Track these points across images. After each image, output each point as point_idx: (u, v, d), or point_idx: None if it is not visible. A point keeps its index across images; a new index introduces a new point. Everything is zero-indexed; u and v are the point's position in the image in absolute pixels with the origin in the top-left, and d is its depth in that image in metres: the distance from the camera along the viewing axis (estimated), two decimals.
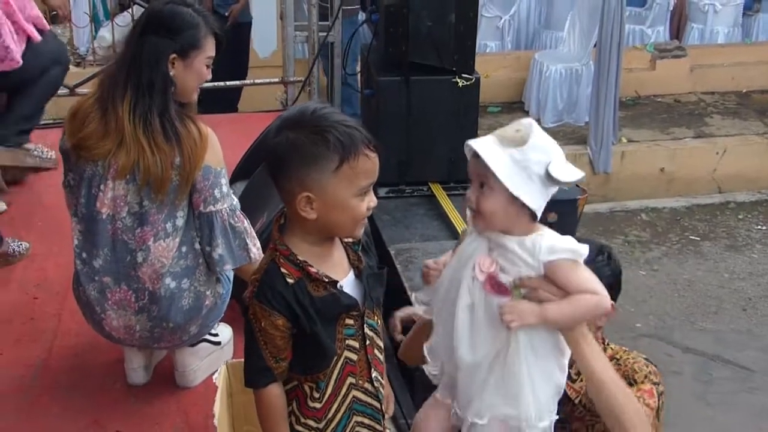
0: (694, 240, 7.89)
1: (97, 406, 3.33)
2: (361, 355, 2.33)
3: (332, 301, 2.26)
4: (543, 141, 2.34)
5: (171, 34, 3.04)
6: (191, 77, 3.11)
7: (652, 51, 9.80)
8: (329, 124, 2.19)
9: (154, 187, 2.98)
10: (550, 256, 2.35)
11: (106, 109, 3.01)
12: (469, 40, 5.84)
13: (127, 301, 3.10)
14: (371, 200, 2.27)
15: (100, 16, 9.17)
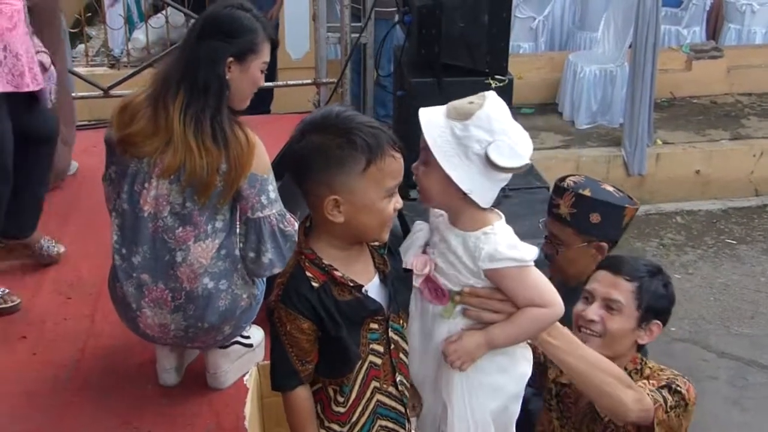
0: (730, 243, 7.81)
1: (129, 407, 3.34)
2: (385, 359, 2.32)
3: (357, 305, 2.26)
4: (492, 118, 2.22)
5: (229, 37, 3.04)
6: (246, 82, 3.09)
7: (688, 52, 9.71)
8: (354, 126, 2.20)
9: (198, 190, 2.99)
10: (490, 264, 2.25)
11: (156, 108, 3.02)
12: (502, 42, 5.80)
13: (164, 300, 3.10)
14: (397, 202, 2.27)
15: (134, 18, 9.23)
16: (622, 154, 8.41)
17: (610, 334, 2.71)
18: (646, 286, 2.73)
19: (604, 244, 3.21)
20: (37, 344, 3.68)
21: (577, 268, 3.25)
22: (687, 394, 2.63)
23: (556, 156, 8.37)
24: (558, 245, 3.25)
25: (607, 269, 2.79)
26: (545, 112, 9.35)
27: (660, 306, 2.76)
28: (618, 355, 2.73)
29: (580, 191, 3.16)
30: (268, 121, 6.29)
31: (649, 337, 2.76)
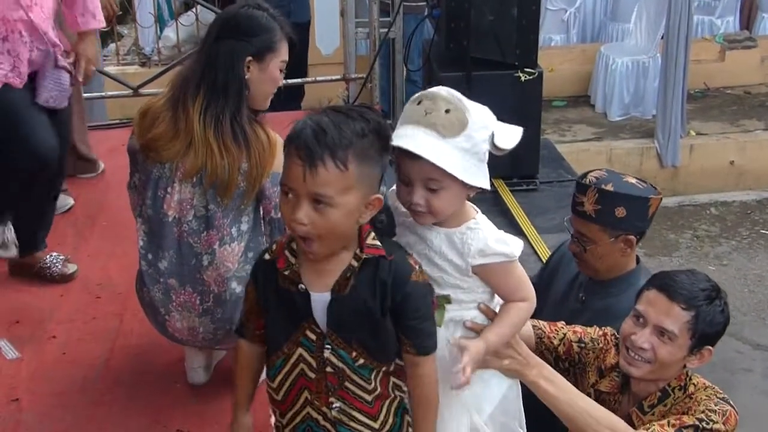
0: (765, 234, 7.73)
1: (158, 405, 3.35)
2: (320, 377, 2.28)
3: (288, 297, 2.25)
4: (479, 112, 2.22)
5: (247, 37, 3.02)
6: (266, 81, 3.08)
7: (721, 42, 9.62)
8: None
9: (220, 191, 2.98)
10: (481, 259, 2.25)
11: (177, 110, 3.01)
12: (531, 34, 5.80)
13: (192, 304, 3.11)
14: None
15: (165, 16, 9.27)
16: (655, 146, 8.35)
17: (659, 361, 2.63)
18: (703, 315, 2.58)
19: (632, 237, 3.17)
20: (66, 344, 3.70)
21: (607, 264, 3.21)
22: (723, 426, 2.54)
23: (588, 149, 8.33)
24: (585, 242, 3.21)
25: (662, 292, 2.65)
26: (577, 105, 9.32)
27: (714, 332, 2.62)
28: (664, 380, 2.68)
29: (602, 186, 3.12)
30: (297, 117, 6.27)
31: (700, 362, 2.66)
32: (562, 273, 3.50)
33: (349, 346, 2.24)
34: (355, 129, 2.08)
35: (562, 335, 2.91)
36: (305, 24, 8.09)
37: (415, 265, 2.22)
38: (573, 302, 3.34)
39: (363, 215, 2.13)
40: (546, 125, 8.58)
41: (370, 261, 2.18)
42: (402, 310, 2.22)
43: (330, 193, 2.05)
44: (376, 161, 2.12)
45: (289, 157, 2.08)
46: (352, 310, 2.21)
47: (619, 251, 3.17)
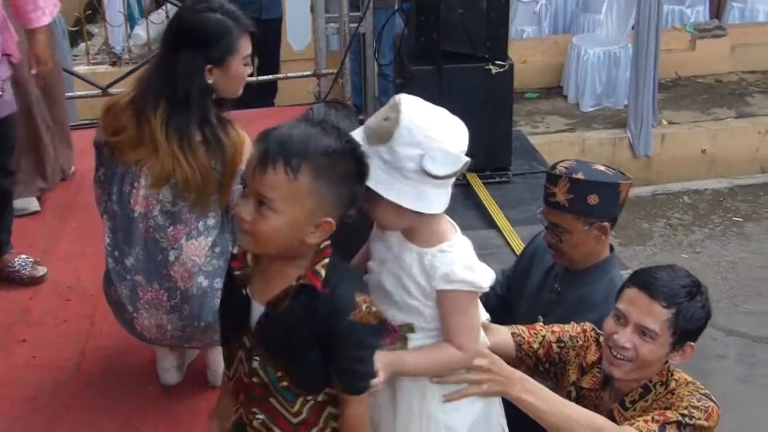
0: (737, 221, 7.79)
1: (130, 407, 3.35)
2: (249, 384, 2.24)
3: (235, 297, 2.22)
4: (412, 129, 2.13)
5: (204, 46, 2.99)
6: (231, 80, 3.07)
7: (691, 31, 9.66)
8: None
9: (196, 193, 2.99)
10: (445, 285, 2.21)
11: (140, 119, 3.00)
12: (501, 27, 5.79)
13: (159, 301, 3.10)
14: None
15: (135, 14, 9.21)
16: (627, 136, 8.38)
17: (641, 360, 2.61)
18: (684, 312, 2.57)
19: (605, 223, 3.18)
20: (36, 347, 3.69)
21: (583, 252, 3.23)
22: (706, 422, 2.53)
23: (561, 140, 8.35)
24: (560, 233, 3.22)
25: (643, 290, 2.63)
26: (550, 96, 9.33)
27: (696, 328, 2.62)
28: (645, 378, 2.67)
29: (573, 176, 3.12)
30: (269, 114, 6.28)
31: (682, 358, 2.64)
32: (537, 265, 3.50)
33: (275, 365, 2.19)
34: (322, 144, 2.03)
35: (541, 338, 2.90)
36: (277, 20, 8.06)
37: (362, 304, 2.11)
38: (548, 293, 3.35)
39: (310, 235, 2.06)
40: (519, 117, 8.60)
41: (309, 288, 2.11)
42: (333, 347, 2.13)
43: (273, 196, 2.00)
44: (335, 183, 2.05)
45: (252, 153, 2.06)
46: (281, 331, 2.14)
47: (594, 239, 3.18)
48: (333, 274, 2.13)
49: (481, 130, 5.86)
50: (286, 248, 2.09)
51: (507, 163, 5.95)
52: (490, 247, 5.12)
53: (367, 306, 2.13)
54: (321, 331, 2.12)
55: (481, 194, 5.68)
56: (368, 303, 2.13)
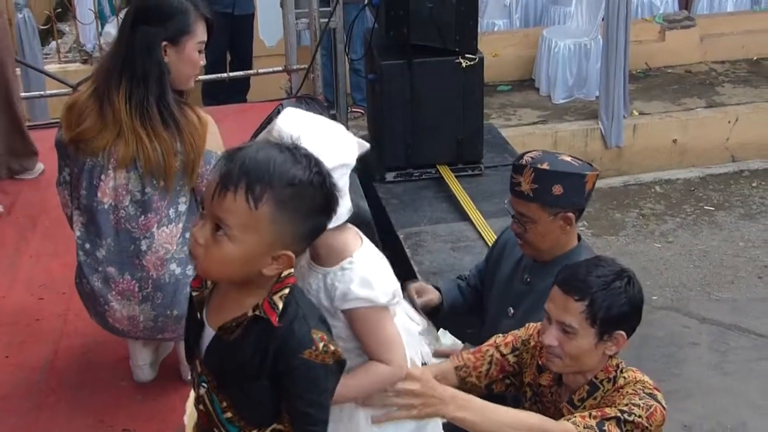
0: (709, 210, 7.85)
1: (104, 405, 3.35)
2: (199, 409, 2.17)
3: (192, 317, 2.16)
4: (283, 138, 2.07)
5: (160, 21, 3.05)
6: (184, 63, 3.11)
7: (661, 22, 9.72)
8: None
9: (159, 176, 3.01)
10: (344, 304, 2.19)
11: (102, 102, 3.02)
12: (470, 20, 5.81)
13: (131, 292, 3.11)
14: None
15: (105, 12, 9.16)
16: (599, 127, 8.40)
17: (568, 355, 2.65)
18: (599, 301, 2.59)
19: (570, 214, 3.21)
20: (9, 347, 3.68)
21: (549, 242, 3.26)
22: (647, 420, 2.56)
23: (534, 132, 8.38)
24: (526, 222, 3.25)
25: (560, 287, 2.67)
26: (522, 89, 9.35)
27: (618, 314, 2.62)
28: (585, 370, 2.70)
29: (538, 166, 3.15)
30: (242, 110, 6.29)
31: (617, 347, 2.67)
32: (507, 256, 3.53)
33: (220, 393, 2.09)
34: (289, 174, 1.91)
35: (489, 358, 2.93)
36: (249, 16, 8.07)
37: (319, 342, 1.99)
38: (518, 284, 3.38)
39: (267, 267, 1.95)
40: (491, 110, 8.63)
41: (263, 320, 1.99)
42: (285, 385, 2.03)
43: (230, 223, 1.89)
44: (299, 216, 1.93)
45: (215, 172, 1.94)
46: (229, 360, 2.04)
47: (560, 229, 3.21)
48: (291, 307, 2.01)
49: (453, 124, 6.00)
50: (239, 278, 1.98)
51: (479, 156, 5.97)
52: (463, 239, 5.15)
53: (324, 344, 2.00)
54: (272, 366, 2.00)
55: (453, 187, 5.70)
56: (326, 341, 2.01)
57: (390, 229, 5.33)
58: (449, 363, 2.94)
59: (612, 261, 2.74)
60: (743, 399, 5.55)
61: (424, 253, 4.98)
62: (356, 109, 8.36)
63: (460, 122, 5.83)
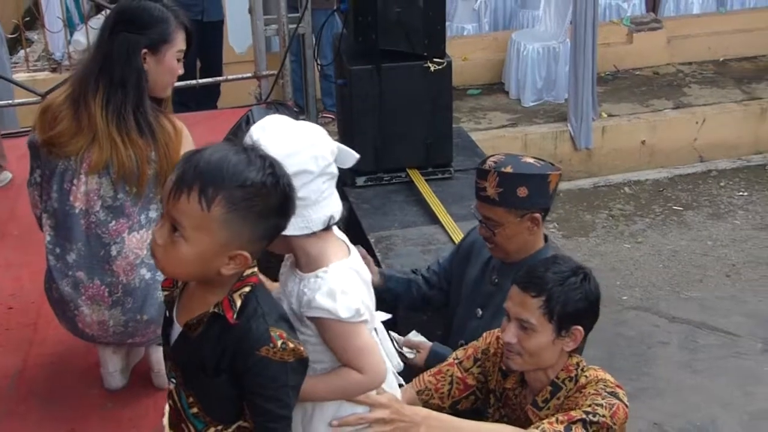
0: (678, 210, 7.92)
1: (75, 414, 3.34)
2: (170, 404, 2.22)
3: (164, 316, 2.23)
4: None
5: (141, 29, 3.07)
6: (163, 72, 3.13)
7: (628, 25, 9.80)
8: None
9: (132, 182, 3.02)
10: (307, 311, 2.22)
11: (78, 107, 3.04)
12: (438, 24, 5.82)
13: (101, 296, 3.11)
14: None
15: (74, 20, 9.13)
16: (568, 129, 8.46)
17: (528, 352, 2.69)
18: (556, 296, 2.66)
19: (537, 214, 3.25)
20: None
21: (517, 244, 3.29)
22: (610, 419, 2.59)
23: (504, 135, 8.42)
24: (493, 226, 3.28)
25: (517, 285, 2.73)
26: (492, 92, 9.40)
27: (575, 310, 2.68)
28: (545, 367, 2.74)
29: (502, 169, 3.19)
30: (212, 116, 6.30)
31: (574, 343, 2.72)
32: (475, 258, 3.56)
33: (186, 389, 2.14)
34: (242, 176, 1.94)
35: (450, 377, 2.97)
36: (219, 23, 8.08)
37: (277, 340, 2.03)
38: (487, 285, 3.42)
39: (224, 266, 1.99)
40: (461, 113, 8.68)
41: (221, 317, 2.04)
42: (243, 382, 2.07)
43: (185, 224, 1.93)
44: (253, 217, 1.96)
45: (172, 174, 1.98)
46: (192, 355, 2.09)
47: (527, 230, 3.25)
48: (250, 305, 2.05)
49: (422, 127, 6.02)
50: (198, 276, 2.04)
51: (448, 159, 5.99)
52: (434, 242, 5.17)
53: (283, 342, 2.04)
54: (230, 363, 2.04)
55: (423, 190, 5.72)
56: (285, 339, 2.04)
57: (361, 233, 5.35)
58: (412, 389, 2.97)
59: (569, 259, 2.80)
60: (713, 396, 5.62)
61: (395, 256, 5.00)
62: (327, 114, 8.38)
63: (430, 126, 5.85)
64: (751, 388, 5.69)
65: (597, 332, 2.84)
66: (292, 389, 2.11)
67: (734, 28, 10.06)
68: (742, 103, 9.04)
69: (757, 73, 9.70)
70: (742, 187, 8.29)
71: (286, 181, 2.01)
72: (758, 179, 8.40)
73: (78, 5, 9.15)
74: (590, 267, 2.82)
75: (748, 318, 6.37)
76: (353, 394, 2.36)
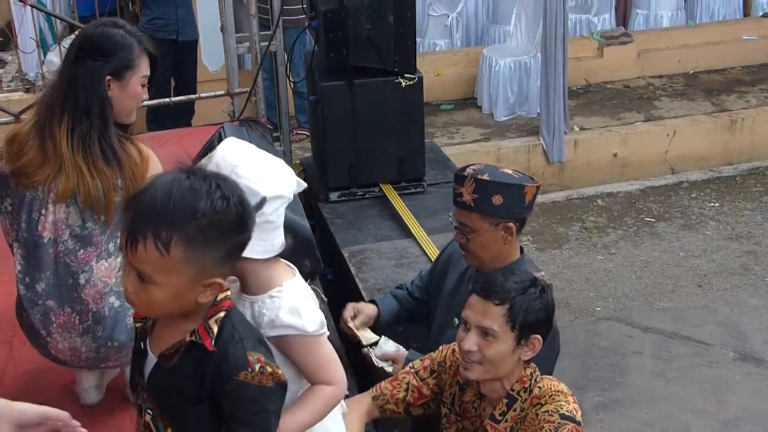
0: (650, 221, 7.99)
1: None
2: (146, 428, 2.21)
3: (137, 346, 2.22)
4: (220, 165, 2.16)
5: (105, 56, 3.07)
6: (128, 98, 3.13)
7: (598, 39, 9.90)
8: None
9: (99, 211, 3.01)
10: (272, 331, 2.23)
11: (44, 136, 3.03)
12: (409, 40, 5.87)
13: (72, 324, 3.12)
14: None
15: (48, 40, 9.15)
16: (541, 143, 8.53)
17: (488, 360, 2.73)
18: (518, 305, 2.70)
19: (511, 224, 3.29)
20: None
21: (491, 252, 3.34)
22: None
23: (477, 149, 8.47)
24: (468, 232, 3.33)
25: (478, 294, 2.77)
26: (465, 107, 9.47)
27: (535, 319, 2.73)
28: (502, 376, 2.77)
29: (479, 176, 3.25)
30: (186, 134, 6.32)
31: (532, 352, 2.77)
32: (453, 269, 3.61)
33: (164, 419, 2.13)
34: (190, 209, 1.92)
35: (406, 385, 3.01)
36: (193, 42, 8.13)
37: (255, 364, 2.03)
38: (463, 294, 3.44)
39: (201, 295, 2.00)
40: (435, 129, 8.74)
41: (198, 345, 2.04)
42: (224, 407, 2.06)
43: (148, 271, 1.93)
44: (213, 245, 1.95)
45: (123, 222, 1.97)
46: (170, 386, 2.08)
47: (501, 239, 3.29)
48: (227, 330, 2.05)
49: (395, 142, 6.06)
50: (179, 311, 2.03)
51: (421, 173, 6.04)
52: (408, 256, 5.20)
53: (261, 366, 2.04)
54: (210, 389, 2.04)
55: (396, 205, 5.76)
56: (263, 363, 2.04)
57: (335, 248, 5.38)
58: (368, 395, 3.02)
59: (525, 271, 2.85)
60: (686, 405, 5.67)
61: (369, 270, 5.03)
62: (301, 131, 8.42)
63: (402, 141, 5.90)
64: (723, 397, 5.75)
65: (571, 343, 2.88)
66: (273, 414, 2.09)
67: (703, 41, 10.19)
68: (712, 115, 9.14)
69: (727, 85, 9.81)
70: (713, 198, 8.37)
71: (236, 199, 2.00)
72: (729, 190, 8.49)
73: (51, 26, 9.18)
74: (564, 278, 2.87)
75: (719, 327, 6.44)
76: (330, 409, 2.38)
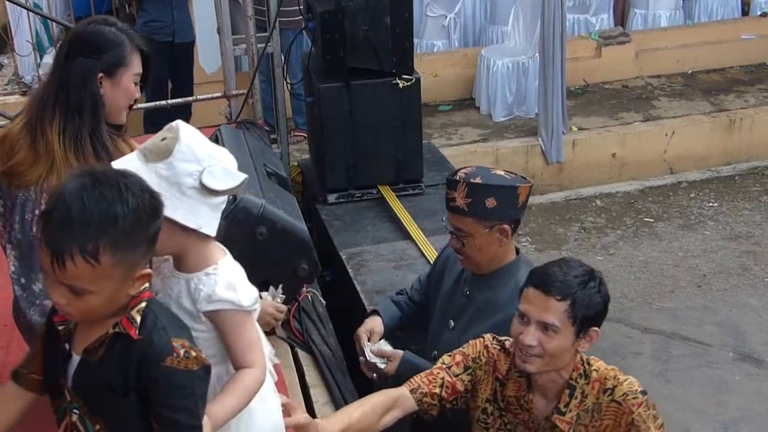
0: (648, 222, 7.98)
1: None
2: (73, 428, 2.20)
3: (56, 349, 2.20)
4: (192, 146, 2.19)
5: (96, 53, 3.04)
6: (120, 95, 3.11)
7: (597, 39, 9.88)
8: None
9: None
10: (208, 305, 2.26)
11: (35, 135, 3.01)
12: (406, 41, 5.86)
13: None
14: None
15: (44, 43, 9.13)
16: (539, 143, 8.51)
17: (549, 354, 2.73)
18: (580, 300, 2.70)
19: (506, 226, 3.28)
20: None
21: (487, 255, 3.32)
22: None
23: (475, 150, 8.46)
24: (463, 237, 3.32)
25: (538, 288, 2.75)
26: (463, 108, 9.45)
27: (594, 312, 2.74)
28: (560, 368, 2.77)
29: (471, 180, 3.23)
30: None
31: (589, 344, 2.78)
32: (449, 272, 3.60)
33: (92, 416, 2.13)
34: (109, 215, 1.93)
35: (440, 380, 2.99)
36: (189, 44, 8.11)
37: (180, 350, 2.06)
38: (459, 297, 3.45)
39: (132, 288, 2.04)
40: (433, 130, 8.72)
41: (123, 335, 2.06)
42: (151, 396, 2.07)
43: (82, 285, 1.94)
44: (137, 242, 1.99)
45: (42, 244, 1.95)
46: (96, 380, 2.09)
47: (497, 241, 3.28)
48: (149, 319, 2.07)
49: (392, 144, 6.04)
50: (116, 309, 2.05)
51: (419, 174, 6.03)
52: (405, 258, 5.19)
53: (185, 351, 2.07)
54: (136, 378, 2.05)
55: (394, 206, 5.75)
56: (187, 348, 2.08)
57: (333, 250, 5.37)
58: (403, 388, 3.00)
59: (579, 262, 2.82)
60: (686, 405, 5.66)
61: (367, 272, 5.02)
62: (298, 132, 8.40)
63: (400, 142, 5.89)
64: (723, 397, 5.74)
65: None
66: (200, 398, 2.12)
67: (702, 40, 10.18)
68: (710, 114, 9.12)
69: (725, 85, 9.80)
70: (711, 198, 8.36)
71: (144, 189, 2.01)
72: (727, 190, 8.47)
73: (47, 29, 9.16)
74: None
75: (719, 327, 6.42)
76: (254, 392, 2.37)
